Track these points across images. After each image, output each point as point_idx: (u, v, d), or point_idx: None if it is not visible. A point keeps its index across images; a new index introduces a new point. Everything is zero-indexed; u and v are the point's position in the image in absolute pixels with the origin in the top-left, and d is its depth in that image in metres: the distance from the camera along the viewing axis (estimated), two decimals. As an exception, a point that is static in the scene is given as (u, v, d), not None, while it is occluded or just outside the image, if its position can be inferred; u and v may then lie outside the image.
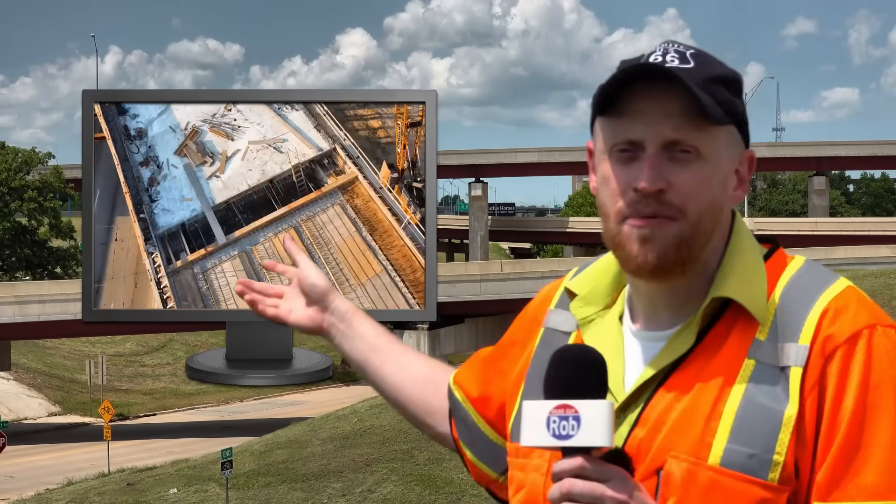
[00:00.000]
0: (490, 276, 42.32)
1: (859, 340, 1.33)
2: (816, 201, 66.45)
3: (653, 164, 1.36)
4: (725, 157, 1.40)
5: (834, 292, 1.38)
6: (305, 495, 18.96)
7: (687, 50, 1.41)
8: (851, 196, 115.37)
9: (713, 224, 1.40)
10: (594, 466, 1.24)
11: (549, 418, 1.25)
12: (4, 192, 48.66)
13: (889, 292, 20.16)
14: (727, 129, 1.40)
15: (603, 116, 1.42)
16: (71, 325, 35.48)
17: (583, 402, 1.25)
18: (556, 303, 1.61)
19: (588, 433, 1.24)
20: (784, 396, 1.33)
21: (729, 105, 1.40)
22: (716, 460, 1.32)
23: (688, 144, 1.36)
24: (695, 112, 1.35)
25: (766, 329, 1.37)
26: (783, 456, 1.31)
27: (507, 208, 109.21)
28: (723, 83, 1.40)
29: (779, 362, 1.34)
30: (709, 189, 1.38)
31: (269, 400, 47.73)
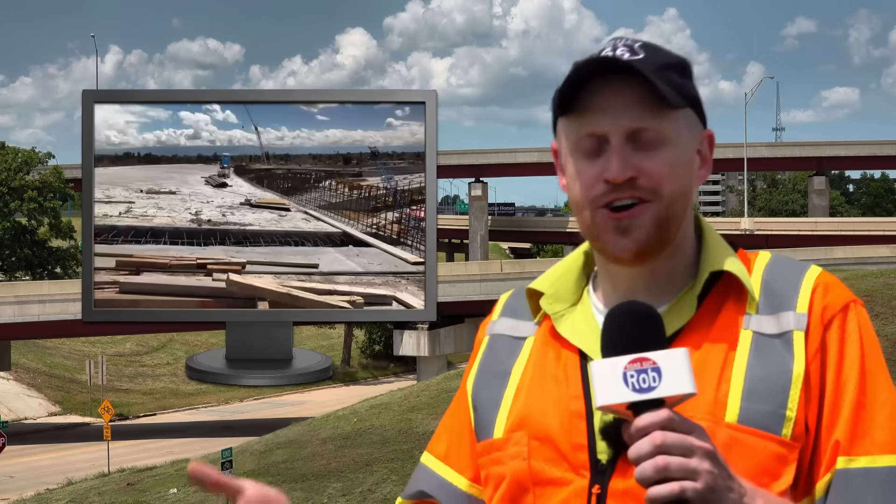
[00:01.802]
0: (490, 276, 42.35)
1: (850, 311, 1.43)
2: (816, 201, 66.49)
3: (619, 154, 1.40)
4: (687, 138, 1.45)
5: (815, 272, 1.47)
6: (305, 495, 18.97)
7: (635, 42, 1.45)
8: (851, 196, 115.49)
9: (685, 204, 1.45)
10: (679, 418, 1.23)
11: (626, 373, 1.23)
12: (4, 192, 48.69)
13: (889, 292, 20.16)
14: (685, 112, 1.45)
15: (564, 116, 1.46)
16: (71, 325, 35.52)
17: (660, 353, 1.23)
18: (500, 313, 1.62)
19: (672, 382, 1.22)
20: (790, 356, 1.39)
21: (683, 88, 1.44)
22: (733, 418, 1.36)
23: (651, 130, 1.41)
24: (653, 99, 1.40)
25: (755, 304, 1.43)
26: (795, 412, 1.37)
27: (507, 208, 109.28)
28: (674, 69, 1.45)
29: (778, 329, 1.41)
30: (676, 171, 1.43)
31: (269, 400, 47.76)
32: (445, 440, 1.66)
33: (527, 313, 1.57)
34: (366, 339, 58.78)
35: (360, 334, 58.76)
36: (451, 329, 43.27)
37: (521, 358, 1.54)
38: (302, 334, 50.89)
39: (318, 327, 55.31)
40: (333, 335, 58.86)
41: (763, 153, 67.15)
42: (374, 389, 42.11)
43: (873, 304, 19.19)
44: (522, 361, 1.53)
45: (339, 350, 56.28)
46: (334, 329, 58.24)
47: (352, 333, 57.15)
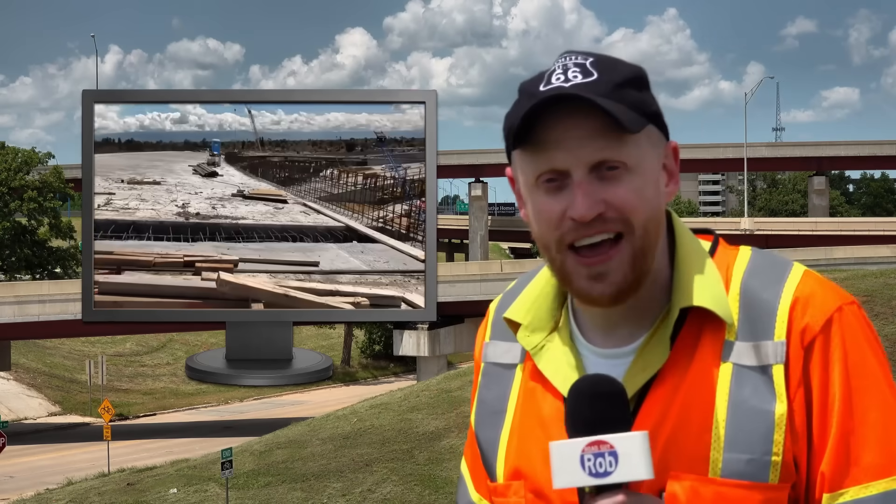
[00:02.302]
0: (490, 276, 42.32)
1: (833, 326, 1.34)
2: (816, 201, 66.45)
3: (584, 190, 1.32)
4: (652, 159, 1.37)
5: (795, 280, 1.37)
6: (305, 495, 18.96)
7: (587, 59, 1.36)
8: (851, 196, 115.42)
9: (657, 230, 1.38)
10: (634, 500, 1.23)
11: (584, 456, 1.22)
12: (4, 192, 48.66)
13: (889, 292, 20.15)
14: (647, 131, 1.36)
15: (519, 149, 1.37)
16: (71, 325, 35.50)
17: (617, 436, 1.22)
18: (490, 335, 1.57)
19: (628, 467, 1.21)
20: (771, 396, 1.32)
21: (642, 105, 1.36)
22: (716, 472, 1.31)
23: (613, 161, 1.32)
24: (612, 127, 1.31)
25: (733, 329, 1.35)
26: (780, 456, 1.31)
27: (507, 208, 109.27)
28: (630, 84, 1.36)
29: (757, 361, 1.33)
30: (645, 197, 1.34)
31: (269, 400, 47.73)
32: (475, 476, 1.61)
33: (513, 334, 1.51)
34: (366, 339, 58.74)
35: (360, 334, 58.72)
36: (451, 329, 43.24)
37: (513, 393, 1.49)
38: (302, 334, 50.88)
39: (318, 327, 55.25)
40: (333, 335, 58.82)
41: (763, 153, 67.09)
42: (374, 389, 42.10)
43: (873, 305, 19.18)
44: (514, 398, 1.49)
45: (339, 350, 56.25)
46: (334, 329, 58.20)
47: (352, 333, 57.11)
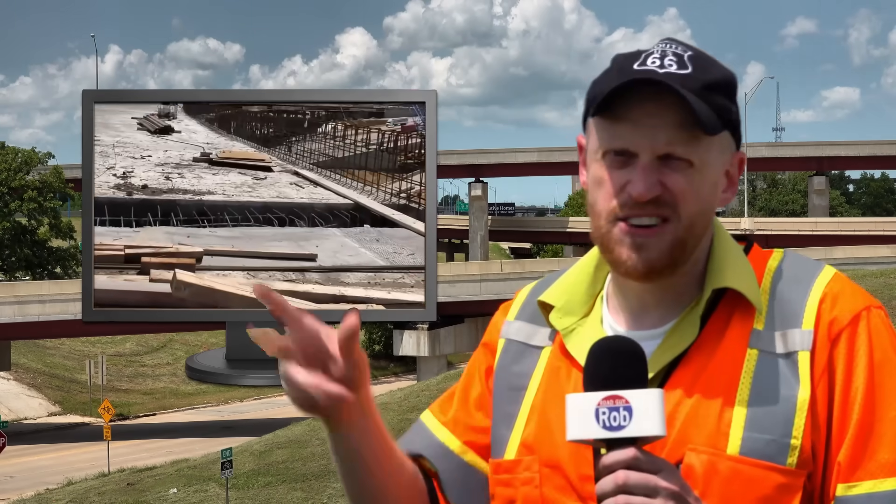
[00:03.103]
0: (490, 276, 42.33)
1: (860, 322, 1.37)
2: (816, 201, 66.47)
3: (647, 173, 1.37)
4: (717, 163, 1.42)
5: (826, 278, 1.42)
6: (305, 495, 18.96)
7: (685, 52, 1.41)
8: (851, 196, 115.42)
9: (704, 227, 1.43)
10: (646, 457, 1.23)
11: (598, 410, 1.24)
12: (4, 192, 48.67)
13: (889, 292, 20.18)
14: (720, 136, 1.41)
15: (597, 117, 1.42)
16: (71, 325, 35.51)
17: (633, 392, 1.24)
18: (517, 314, 1.60)
19: (641, 422, 1.23)
20: (795, 381, 1.35)
21: (724, 111, 1.40)
22: (735, 449, 1.34)
23: (682, 155, 1.37)
24: (691, 124, 1.36)
25: (762, 318, 1.40)
26: (800, 440, 1.34)
27: (507, 208, 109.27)
28: (720, 88, 1.41)
29: (784, 349, 1.37)
30: (700, 194, 1.39)
31: (269, 400, 47.72)
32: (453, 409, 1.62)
33: (543, 319, 1.54)
34: (366, 339, 58.75)
35: (361, 334, 58.53)
36: (451, 329, 43.25)
37: (536, 373, 1.52)
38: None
39: (318, 327, 55.18)
40: (333, 335, 58.81)
41: (763, 153, 67.11)
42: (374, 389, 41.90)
43: (873, 304, 19.21)
44: (537, 377, 1.51)
45: (339, 350, 56.24)
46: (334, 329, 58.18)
47: (352, 333, 57.09)
